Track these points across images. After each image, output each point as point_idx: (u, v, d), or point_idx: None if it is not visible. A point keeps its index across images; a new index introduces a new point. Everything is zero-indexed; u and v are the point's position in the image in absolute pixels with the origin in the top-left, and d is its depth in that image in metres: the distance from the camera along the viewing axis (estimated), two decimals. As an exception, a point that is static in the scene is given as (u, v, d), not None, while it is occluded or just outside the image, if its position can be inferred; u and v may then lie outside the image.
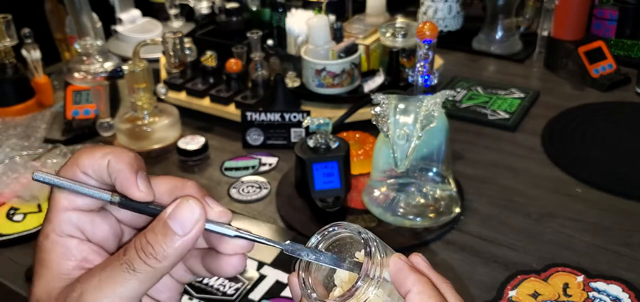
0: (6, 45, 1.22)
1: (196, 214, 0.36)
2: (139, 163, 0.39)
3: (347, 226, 0.40)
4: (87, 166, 0.38)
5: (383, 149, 0.87)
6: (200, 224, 0.37)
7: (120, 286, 0.35)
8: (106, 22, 1.46)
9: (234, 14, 1.34)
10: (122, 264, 0.36)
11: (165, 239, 0.36)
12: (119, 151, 0.38)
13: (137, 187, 0.37)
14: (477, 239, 0.84)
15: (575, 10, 1.30)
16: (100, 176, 0.38)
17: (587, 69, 1.28)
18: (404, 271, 0.38)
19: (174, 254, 0.36)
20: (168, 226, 0.36)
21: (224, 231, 0.38)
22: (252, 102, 1.13)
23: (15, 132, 1.17)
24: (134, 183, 0.37)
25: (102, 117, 1.15)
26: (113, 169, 0.38)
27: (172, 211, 0.36)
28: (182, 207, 0.36)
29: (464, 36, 1.53)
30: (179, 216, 0.36)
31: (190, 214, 0.36)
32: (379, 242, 0.39)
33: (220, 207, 0.39)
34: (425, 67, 0.93)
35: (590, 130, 1.10)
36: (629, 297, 0.72)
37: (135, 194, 0.37)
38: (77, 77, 1.10)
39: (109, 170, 0.38)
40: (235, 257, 0.39)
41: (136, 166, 0.38)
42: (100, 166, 0.38)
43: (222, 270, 0.40)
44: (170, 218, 0.36)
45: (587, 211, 0.88)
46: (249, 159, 1.06)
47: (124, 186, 0.37)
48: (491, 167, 1.00)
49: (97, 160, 0.38)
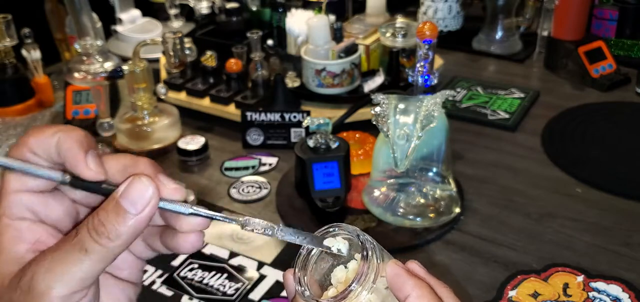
0: (6, 45, 1.22)
1: (149, 192, 0.35)
2: (89, 141, 0.37)
3: (345, 228, 0.40)
4: (35, 145, 0.36)
5: (383, 149, 0.87)
6: (153, 202, 0.36)
7: (72, 267, 0.34)
8: (106, 22, 1.46)
9: (234, 14, 1.35)
10: (75, 245, 0.35)
11: (117, 218, 0.35)
12: (69, 128, 0.37)
13: (86, 166, 0.36)
14: (477, 239, 0.84)
15: (575, 10, 1.30)
16: (49, 155, 0.37)
17: (587, 69, 1.28)
18: (402, 276, 0.38)
19: (127, 233, 0.35)
20: (120, 205, 0.35)
21: (178, 209, 0.37)
22: (252, 102, 1.13)
23: (15, 132, 1.17)
24: (83, 161, 0.36)
25: (102, 117, 1.15)
26: (62, 147, 0.36)
27: (124, 189, 0.35)
28: (134, 185, 0.35)
29: (464, 36, 1.53)
30: (131, 194, 0.35)
31: (143, 192, 0.35)
32: (377, 246, 0.39)
33: (174, 184, 0.38)
34: (425, 67, 0.93)
35: (590, 130, 1.10)
36: (629, 297, 0.72)
37: (85, 173, 0.36)
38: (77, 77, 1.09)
39: (58, 148, 0.36)
40: (192, 234, 0.39)
41: (86, 144, 0.37)
42: (49, 145, 0.36)
43: (180, 247, 0.39)
44: (122, 197, 0.35)
45: (587, 211, 0.88)
46: (249, 159, 1.06)
47: (73, 165, 0.36)
48: (491, 167, 1.00)
49: (46, 138, 0.36)
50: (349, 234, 0.40)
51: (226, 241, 0.85)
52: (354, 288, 0.37)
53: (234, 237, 0.85)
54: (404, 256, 0.81)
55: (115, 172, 0.38)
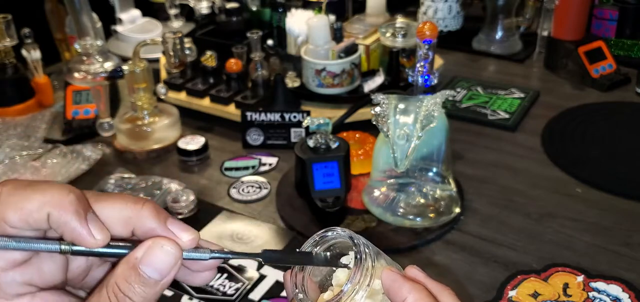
0: (6, 45, 1.22)
1: (172, 258, 0.34)
2: (83, 204, 0.34)
3: (340, 231, 0.40)
4: (17, 221, 0.32)
5: (383, 149, 0.87)
6: (178, 264, 0.35)
7: None
8: (106, 22, 1.46)
9: (234, 14, 1.34)
10: None
11: (144, 288, 0.33)
12: (57, 197, 0.33)
13: (92, 236, 0.33)
14: (477, 239, 0.84)
15: (575, 10, 1.30)
16: (37, 227, 0.33)
17: (587, 69, 1.28)
18: (397, 281, 0.38)
19: (154, 297, 0.34)
20: (144, 274, 0.33)
21: (199, 256, 0.37)
22: (252, 102, 1.13)
23: (15, 132, 1.17)
24: (87, 232, 0.33)
25: (102, 117, 1.15)
26: (56, 222, 0.33)
27: (144, 256, 0.34)
28: (155, 253, 0.34)
29: (464, 36, 1.53)
30: (153, 262, 0.34)
31: (167, 258, 0.34)
32: (372, 247, 0.39)
33: (187, 232, 0.36)
34: (425, 67, 0.93)
35: (590, 130, 1.10)
36: (629, 297, 0.72)
37: (91, 243, 0.33)
38: (77, 77, 1.09)
39: (52, 224, 0.33)
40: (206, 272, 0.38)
41: (82, 210, 0.33)
42: (36, 220, 0.33)
43: (192, 282, 0.38)
44: (144, 264, 0.33)
45: (587, 211, 0.88)
46: (249, 159, 1.06)
47: (75, 237, 0.33)
48: (491, 167, 1.00)
49: (32, 214, 0.32)
50: (342, 237, 0.39)
51: (226, 240, 0.85)
52: (346, 290, 0.37)
53: (234, 237, 0.85)
54: (404, 256, 0.81)
55: (116, 223, 0.35)
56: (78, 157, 1.04)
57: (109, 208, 0.35)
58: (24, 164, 1.00)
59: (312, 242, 0.40)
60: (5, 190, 0.33)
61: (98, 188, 0.96)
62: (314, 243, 0.40)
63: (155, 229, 0.35)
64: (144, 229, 0.36)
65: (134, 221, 0.35)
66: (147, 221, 0.35)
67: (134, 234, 0.36)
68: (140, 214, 0.35)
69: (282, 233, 0.86)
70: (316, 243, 0.40)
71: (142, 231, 0.36)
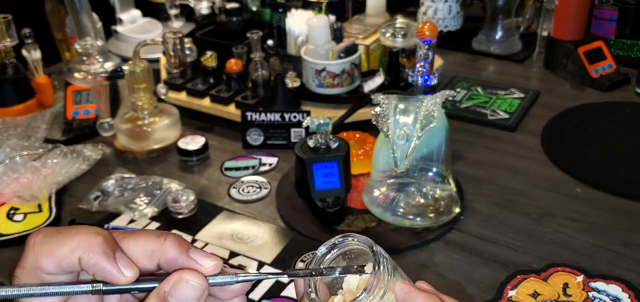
0: (6, 45, 1.22)
1: (198, 291, 0.35)
2: (111, 244, 0.36)
3: (361, 238, 0.40)
4: (51, 267, 0.35)
5: (383, 149, 0.87)
6: (205, 295, 0.36)
7: None
8: (106, 22, 1.46)
9: (234, 14, 1.35)
10: None
11: None
12: (86, 241, 0.35)
13: (121, 274, 0.35)
14: (477, 239, 0.84)
15: (575, 10, 1.30)
16: (70, 270, 0.36)
17: (587, 69, 1.28)
18: (412, 293, 0.39)
19: None
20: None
21: (226, 281, 0.38)
22: (252, 102, 1.13)
23: (15, 132, 1.17)
24: (117, 271, 0.35)
25: (102, 117, 1.15)
26: (87, 264, 0.35)
27: (172, 289, 0.35)
28: (182, 287, 0.35)
29: (463, 36, 1.53)
30: (181, 296, 0.35)
31: (193, 292, 0.35)
32: (390, 260, 0.39)
33: (209, 259, 0.37)
34: (425, 67, 0.93)
35: (590, 130, 1.10)
36: (629, 297, 0.72)
37: (122, 280, 0.35)
38: (77, 77, 1.09)
39: (83, 266, 0.35)
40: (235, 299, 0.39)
41: (111, 250, 0.35)
42: (69, 264, 0.35)
43: None
44: (172, 297, 0.35)
45: (587, 211, 0.88)
46: (249, 159, 1.06)
47: (105, 276, 0.35)
48: (491, 167, 1.01)
49: (64, 259, 0.35)
50: (363, 244, 0.40)
51: (226, 241, 0.85)
52: (362, 298, 0.37)
53: (234, 237, 0.85)
54: (404, 256, 0.81)
55: (142, 258, 0.37)
56: (78, 157, 1.04)
57: (133, 244, 0.37)
58: (24, 164, 1.00)
59: (330, 244, 0.41)
60: (38, 239, 0.35)
61: (98, 188, 0.96)
62: (332, 246, 0.41)
63: (178, 260, 0.37)
64: (168, 260, 0.37)
65: (158, 254, 0.37)
66: (170, 252, 0.37)
67: (159, 266, 0.38)
68: (163, 246, 0.37)
69: (282, 233, 0.86)
70: (334, 246, 0.41)
71: (166, 262, 0.37)
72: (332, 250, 0.41)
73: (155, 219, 0.90)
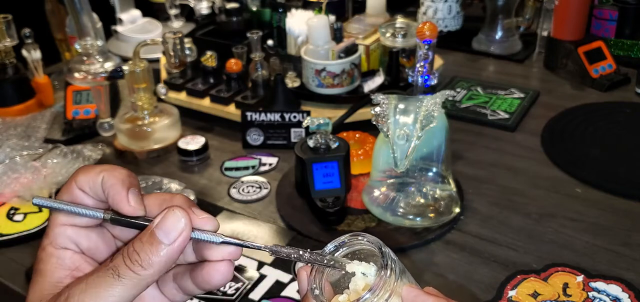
0: (6, 45, 1.22)
1: (182, 223, 0.38)
2: (131, 180, 0.40)
3: (371, 238, 0.40)
4: (83, 183, 0.40)
5: (383, 149, 0.87)
6: (185, 233, 0.38)
7: (105, 291, 0.36)
8: (106, 22, 1.46)
9: (234, 14, 1.35)
10: (108, 270, 0.37)
11: (151, 248, 0.37)
12: (113, 167, 0.40)
13: (127, 202, 0.39)
14: (477, 239, 0.84)
15: (575, 10, 1.30)
16: (96, 192, 0.40)
17: (587, 69, 1.28)
18: (420, 297, 0.39)
19: (159, 262, 0.37)
20: (154, 235, 0.37)
21: (210, 238, 0.39)
22: (252, 102, 1.13)
23: (15, 132, 1.17)
24: (125, 198, 0.39)
25: (102, 117, 1.15)
26: (106, 184, 0.39)
27: (159, 221, 0.38)
28: (168, 217, 0.38)
29: (463, 36, 1.53)
30: (164, 225, 0.37)
31: (176, 223, 0.37)
32: (398, 263, 0.39)
33: (206, 214, 0.40)
34: (425, 67, 0.93)
35: (590, 130, 1.10)
36: (629, 297, 0.72)
37: (126, 208, 0.39)
38: (77, 77, 1.09)
39: (103, 186, 0.40)
40: (222, 264, 0.40)
41: (128, 182, 0.40)
42: (95, 183, 0.40)
43: (211, 278, 0.40)
44: (156, 228, 0.37)
45: (587, 211, 0.88)
46: (249, 159, 1.06)
47: (116, 201, 0.39)
48: (491, 167, 1.01)
49: (93, 177, 0.40)
50: (372, 245, 0.40)
51: (226, 240, 0.85)
52: (366, 298, 0.37)
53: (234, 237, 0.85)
54: (404, 256, 0.81)
55: (154, 208, 0.40)
56: (78, 157, 1.04)
57: (149, 197, 0.41)
58: (24, 164, 1.00)
59: (338, 242, 0.41)
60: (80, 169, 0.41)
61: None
62: (340, 244, 0.41)
63: None
64: None
65: (166, 205, 0.40)
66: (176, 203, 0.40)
67: None
68: (172, 198, 0.41)
69: (282, 233, 0.86)
70: (342, 244, 0.40)
71: None
72: (341, 248, 0.41)
73: (155, 219, 0.90)
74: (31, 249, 0.86)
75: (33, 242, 0.87)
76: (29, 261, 0.83)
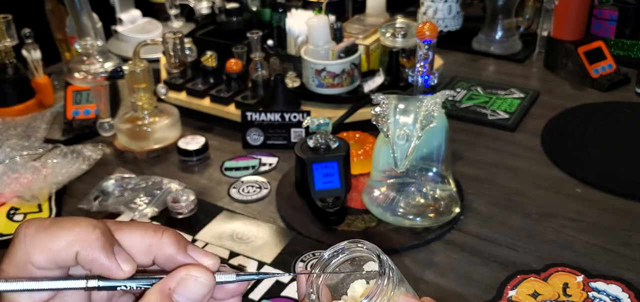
0: (6, 45, 1.22)
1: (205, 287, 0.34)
2: (108, 238, 0.34)
3: (369, 246, 0.40)
4: (44, 261, 0.33)
5: (383, 149, 0.87)
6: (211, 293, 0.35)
7: None
8: (106, 23, 1.46)
9: (234, 14, 1.35)
10: None
11: None
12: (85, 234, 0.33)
13: (120, 269, 0.34)
14: (477, 239, 0.84)
15: (575, 10, 1.30)
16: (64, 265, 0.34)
17: (587, 69, 1.28)
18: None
19: None
20: None
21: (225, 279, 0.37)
22: (252, 102, 1.13)
23: (15, 132, 1.17)
24: (116, 266, 0.34)
25: (102, 117, 1.15)
26: (84, 259, 0.33)
27: (178, 286, 0.34)
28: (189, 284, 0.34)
29: (463, 36, 1.53)
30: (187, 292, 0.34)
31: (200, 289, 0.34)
32: (396, 271, 0.39)
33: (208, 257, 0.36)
34: (425, 67, 0.93)
35: (590, 130, 1.10)
36: (629, 297, 0.72)
37: (120, 275, 0.34)
38: (77, 77, 1.09)
39: (80, 261, 0.33)
40: (232, 298, 0.38)
41: (109, 244, 0.34)
42: (64, 259, 0.33)
43: None
44: (177, 294, 0.34)
45: (587, 211, 0.88)
46: (249, 159, 1.06)
47: (104, 271, 0.34)
48: (491, 167, 1.01)
49: (59, 254, 0.33)
50: (370, 252, 0.39)
51: (226, 240, 0.85)
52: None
53: (234, 237, 0.85)
54: (404, 256, 0.81)
55: (138, 252, 0.36)
56: (78, 157, 1.04)
57: (129, 237, 0.36)
58: (24, 164, 1.00)
59: (338, 249, 0.40)
60: (30, 232, 0.33)
61: (98, 188, 0.96)
62: (340, 250, 0.40)
63: (176, 256, 0.36)
64: (165, 257, 0.36)
65: (155, 250, 0.36)
66: (168, 248, 0.36)
67: (154, 261, 0.36)
68: (161, 242, 0.36)
69: (282, 233, 0.86)
70: (342, 250, 0.40)
71: (163, 258, 0.36)
72: (339, 255, 0.41)
73: (155, 219, 0.90)
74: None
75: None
76: (29, 261, 0.83)
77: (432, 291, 0.75)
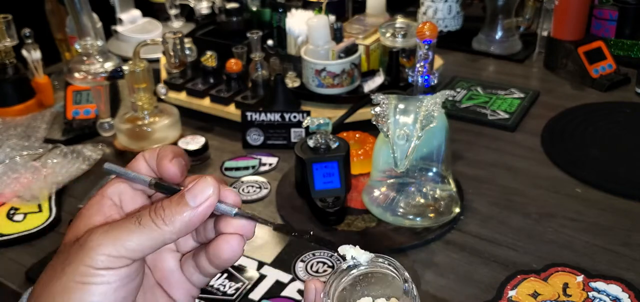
0: (6, 45, 1.22)
1: (210, 191, 0.40)
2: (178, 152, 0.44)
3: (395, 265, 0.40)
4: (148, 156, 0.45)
5: (383, 149, 0.87)
6: (211, 200, 0.40)
7: (124, 235, 0.38)
8: (106, 23, 1.46)
9: (234, 14, 1.35)
10: (132, 218, 0.39)
11: (177, 207, 0.39)
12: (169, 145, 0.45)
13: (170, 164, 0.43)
14: (477, 239, 0.84)
15: (575, 10, 1.30)
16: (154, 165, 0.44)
17: (587, 69, 1.28)
18: None
19: (181, 221, 0.39)
20: (183, 197, 0.40)
21: (226, 209, 0.42)
22: (252, 102, 1.13)
23: (15, 132, 1.17)
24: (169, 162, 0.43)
25: (102, 117, 1.15)
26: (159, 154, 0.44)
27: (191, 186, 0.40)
28: (199, 183, 0.40)
29: (463, 36, 1.53)
30: (194, 189, 0.40)
31: (205, 190, 0.40)
32: (418, 297, 0.39)
33: (231, 189, 0.43)
34: (425, 67, 0.93)
35: (590, 130, 1.10)
36: (629, 297, 0.72)
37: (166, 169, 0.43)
38: (77, 77, 1.09)
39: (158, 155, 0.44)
40: (234, 238, 0.42)
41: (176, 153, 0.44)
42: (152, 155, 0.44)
43: (221, 252, 0.42)
44: (187, 191, 0.40)
45: (587, 211, 0.88)
46: (249, 159, 1.06)
47: (160, 165, 0.43)
48: (491, 167, 1.01)
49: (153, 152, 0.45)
50: (397, 273, 0.39)
51: (226, 240, 0.85)
52: None
53: (234, 237, 0.85)
54: (404, 256, 0.81)
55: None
56: (78, 157, 1.04)
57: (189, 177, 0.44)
58: (24, 164, 1.00)
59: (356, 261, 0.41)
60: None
61: (98, 188, 0.96)
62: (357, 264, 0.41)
63: None
64: None
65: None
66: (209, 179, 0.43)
67: None
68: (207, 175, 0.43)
69: (282, 233, 0.86)
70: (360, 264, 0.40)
71: None
72: (356, 267, 0.40)
73: (155, 219, 0.90)
74: (31, 249, 0.86)
75: (33, 242, 0.87)
76: (29, 261, 0.83)
77: (432, 291, 0.75)
